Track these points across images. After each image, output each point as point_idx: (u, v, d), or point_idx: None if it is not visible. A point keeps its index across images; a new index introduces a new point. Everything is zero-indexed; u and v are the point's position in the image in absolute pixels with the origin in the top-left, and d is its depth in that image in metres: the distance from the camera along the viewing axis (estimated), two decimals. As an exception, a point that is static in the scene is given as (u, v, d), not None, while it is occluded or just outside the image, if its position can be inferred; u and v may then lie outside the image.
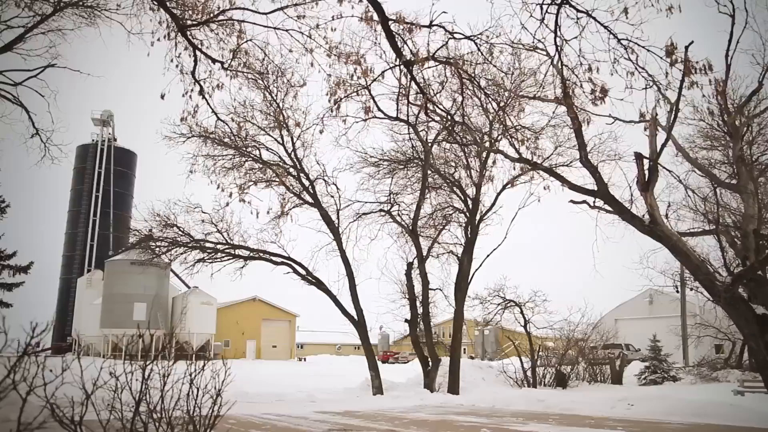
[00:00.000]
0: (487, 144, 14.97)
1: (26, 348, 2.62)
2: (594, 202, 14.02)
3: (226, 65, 8.14)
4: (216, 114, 9.43)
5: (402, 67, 6.87)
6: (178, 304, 56.41)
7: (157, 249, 16.41)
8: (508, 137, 11.32)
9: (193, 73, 8.05)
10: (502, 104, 10.92)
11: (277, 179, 15.79)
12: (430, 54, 6.52)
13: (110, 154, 71.03)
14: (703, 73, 6.34)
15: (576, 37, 6.55)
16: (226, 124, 10.62)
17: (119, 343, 43.08)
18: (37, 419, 2.45)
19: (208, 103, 8.51)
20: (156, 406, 3.31)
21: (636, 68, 6.47)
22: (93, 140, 71.57)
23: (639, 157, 11.95)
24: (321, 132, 8.52)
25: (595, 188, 13.26)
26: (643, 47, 6.12)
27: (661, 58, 6.09)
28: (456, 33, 6.44)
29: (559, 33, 6.66)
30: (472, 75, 7.80)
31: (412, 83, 7.33)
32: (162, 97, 7.77)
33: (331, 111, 8.10)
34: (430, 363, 16.40)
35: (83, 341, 53.51)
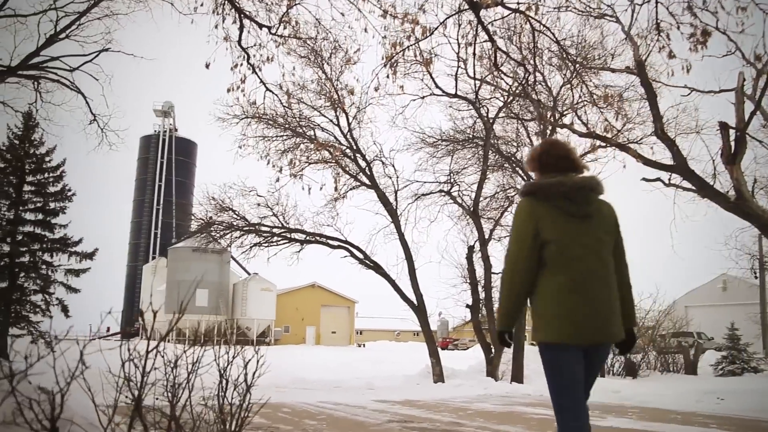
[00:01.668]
0: (554, 118, 14.11)
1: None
2: (670, 178, 13.00)
3: (273, 30, 7.66)
4: (265, 84, 9.01)
5: (462, 22, 6.22)
6: (239, 291, 57.36)
7: (215, 233, 16.31)
8: (588, 101, 10.43)
9: (239, 41, 7.62)
10: (577, 66, 10.03)
11: (333, 160, 15.35)
12: None
13: (171, 144, 72.67)
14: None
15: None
16: (276, 95, 10.23)
17: (183, 328, 44.03)
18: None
19: (256, 73, 8.07)
20: (177, 401, 2.82)
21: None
22: (155, 131, 73.38)
23: (724, 126, 10.89)
24: (376, 90, 7.95)
25: (673, 163, 12.27)
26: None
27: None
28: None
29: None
30: (545, 26, 7.05)
31: (479, 36, 6.64)
32: (207, 66, 7.37)
33: (387, 77, 7.52)
34: (493, 350, 15.71)
35: (149, 326, 54.92)
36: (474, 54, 7.49)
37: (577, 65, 10.12)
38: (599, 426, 7.20)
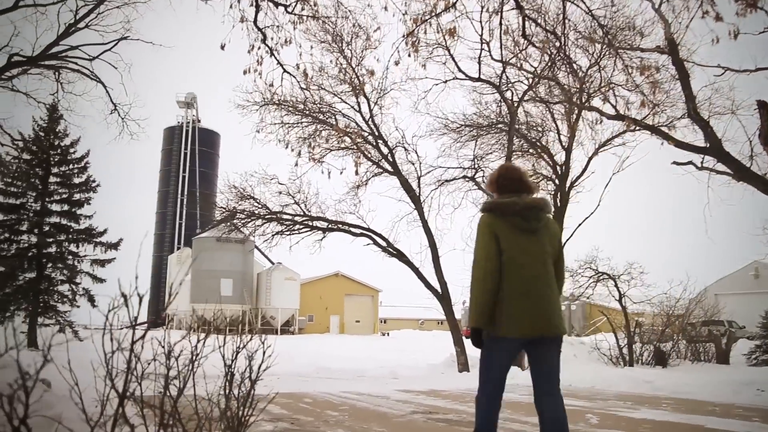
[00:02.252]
0: (581, 100, 13.67)
1: None
2: (702, 161, 12.54)
3: (290, 9, 7.42)
4: (282, 66, 8.75)
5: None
6: (263, 280, 57.59)
7: (237, 222, 16.21)
8: (623, 75, 10.00)
9: (255, 21, 7.39)
10: (609, 38, 9.64)
11: (354, 146, 15.11)
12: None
13: (195, 135, 73.01)
14: None
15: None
16: (293, 77, 9.98)
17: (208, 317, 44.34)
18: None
19: (273, 55, 7.83)
20: (179, 395, 2.59)
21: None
22: (178, 122, 73.74)
23: (763, 105, 10.38)
24: (397, 64, 7.66)
25: (706, 145, 11.81)
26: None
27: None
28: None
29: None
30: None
31: (506, 4, 6.29)
32: (222, 47, 7.15)
33: (409, 55, 7.23)
34: (519, 339, 15.38)
35: (175, 316, 55.50)
36: (501, 24, 7.13)
37: (609, 37, 9.68)
38: (633, 418, 6.90)
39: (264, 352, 2.93)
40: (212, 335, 3.28)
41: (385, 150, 15.46)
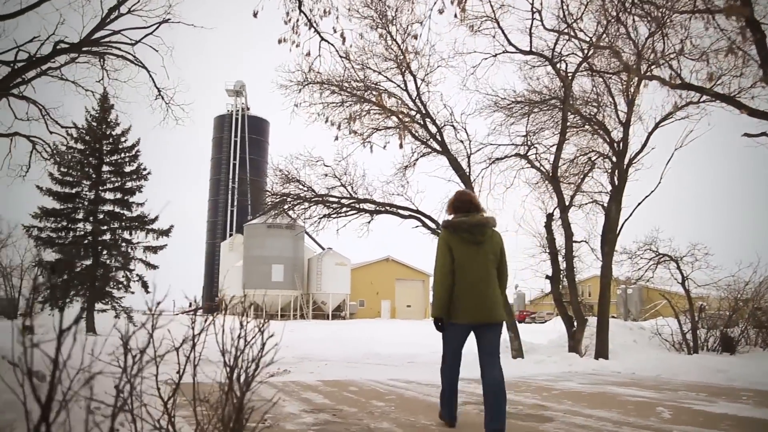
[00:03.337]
0: (640, 69, 12.75)
1: None
2: (780, 131, 11.55)
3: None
4: (320, 34, 8.27)
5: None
6: (314, 265, 57.89)
7: (285, 205, 15.94)
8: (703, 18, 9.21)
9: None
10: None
11: (402, 126, 14.56)
12: None
13: (244, 123, 73.72)
14: None
15: None
16: (332, 45, 9.49)
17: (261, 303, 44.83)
18: None
19: (312, 26, 7.37)
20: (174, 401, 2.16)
21: None
22: (228, 110, 74.61)
23: None
24: (441, 12, 7.09)
25: (784, 113, 10.82)
26: None
27: None
28: None
29: None
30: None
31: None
32: (255, 14, 6.72)
33: (455, 16, 6.65)
34: (575, 323, 14.67)
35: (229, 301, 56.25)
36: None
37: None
38: (710, 413, 6.21)
39: (264, 344, 2.40)
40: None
41: (433, 129, 14.87)
